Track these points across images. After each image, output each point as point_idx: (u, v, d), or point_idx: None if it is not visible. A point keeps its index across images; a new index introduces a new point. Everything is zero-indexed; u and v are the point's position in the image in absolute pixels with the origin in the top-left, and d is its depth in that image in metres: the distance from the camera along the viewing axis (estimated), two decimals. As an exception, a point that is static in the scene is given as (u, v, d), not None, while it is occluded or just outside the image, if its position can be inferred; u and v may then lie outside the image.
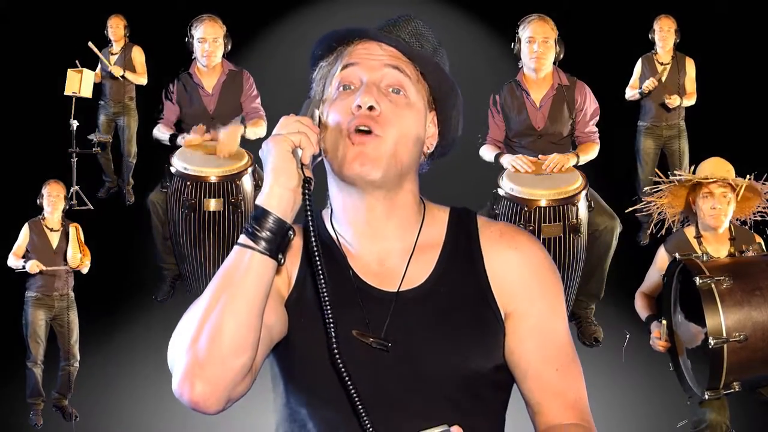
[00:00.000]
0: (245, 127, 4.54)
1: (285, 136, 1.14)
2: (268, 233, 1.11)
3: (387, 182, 1.21)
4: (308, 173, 1.15)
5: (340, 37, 1.26)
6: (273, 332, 1.17)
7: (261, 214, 1.12)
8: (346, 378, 1.13)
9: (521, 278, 1.24)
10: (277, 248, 1.12)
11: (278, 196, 1.12)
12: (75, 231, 4.50)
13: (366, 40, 1.24)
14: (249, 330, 1.10)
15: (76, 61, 5.44)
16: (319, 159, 1.22)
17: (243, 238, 1.12)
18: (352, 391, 1.13)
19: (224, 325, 1.08)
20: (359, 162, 1.18)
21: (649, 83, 5.23)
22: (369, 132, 1.18)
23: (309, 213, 1.15)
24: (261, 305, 1.11)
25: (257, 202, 1.13)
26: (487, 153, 4.23)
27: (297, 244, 1.18)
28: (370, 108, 1.19)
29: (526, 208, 3.88)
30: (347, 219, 1.26)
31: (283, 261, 1.14)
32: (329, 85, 1.25)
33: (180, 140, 4.50)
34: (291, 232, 1.13)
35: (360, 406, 1.13)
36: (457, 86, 1.28)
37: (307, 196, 1.15)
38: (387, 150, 1.19)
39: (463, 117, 1.32)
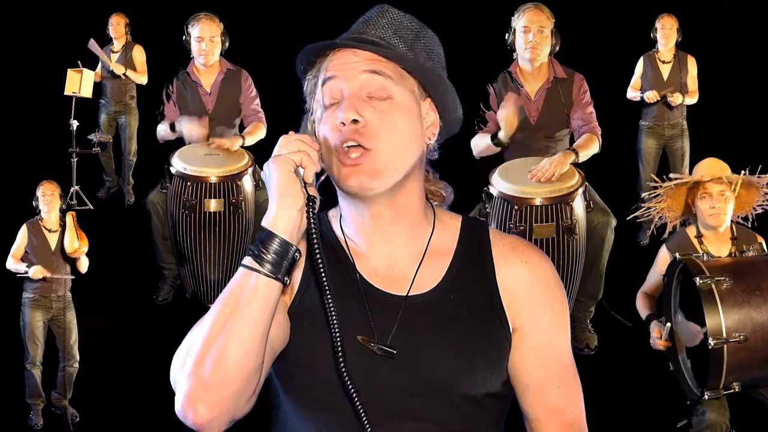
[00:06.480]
0: (244, 138, 4.55)
1: (286, 157, 1.13)
2: (273, 256, 1.10)
3: (388, 191, 1.19)
4: (312, 191, 1.14)
5: (315, 50, 1.23)
6: (275, 344, 1.16)
7: (267, 236, 1.10)
8: (351, 389, 1.12)
9: (530, 293, 1.23)
10: (282, 271, 1.11)
11: (285, 218, 1.11)
12: (71, 219, 4.42)
13: (340, 48, 1.21)
14: (254, 354, 1.09)
15: (78, 62, 5.44)
16: (324, 177, 1.20)
17: (248, 261, 1.10)
18: (357, 402, 1.12)
19: (229, 350, 1.07)
20: (355, 178, 1.16)
21: (651, 95, 5.23)
22: (358, 146, 1.16)
23: (314, 232, 1.14)
24: (266, 328, 1.11)
25: (263, 224, 1.12)
26: (482, 139, 3.98)
27: (301, 247, 1.16)
28: (355, 121, 1.16)
29: (516, 207, 3.71)
30: (355, 225, 1.25)
31: (288, 282, 1.12)
32: (315, 100, 1.23)
33: (179, 125, 4.48)
34: (297, 254, 1.12)
35: (365, 418, 1.12)
36: (444, 72, 1.26)
37: (311, 215, 1.13)
38: (381, 161, 1.16)
39: (458, 96, 1.29)
